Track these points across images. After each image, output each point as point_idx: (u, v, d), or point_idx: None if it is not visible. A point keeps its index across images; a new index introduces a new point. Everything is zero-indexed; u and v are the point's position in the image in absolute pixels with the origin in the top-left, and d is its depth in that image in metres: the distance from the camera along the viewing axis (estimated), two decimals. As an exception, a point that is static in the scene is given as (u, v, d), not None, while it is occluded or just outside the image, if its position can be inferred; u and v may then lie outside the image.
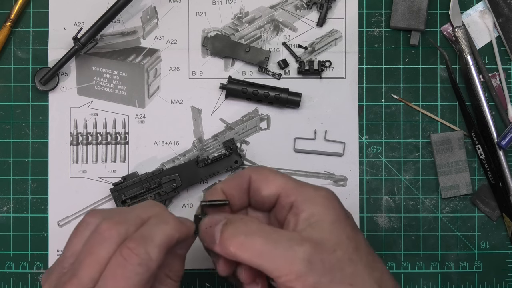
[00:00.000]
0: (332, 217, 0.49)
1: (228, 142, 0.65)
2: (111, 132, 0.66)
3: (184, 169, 0.64)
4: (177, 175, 0.64)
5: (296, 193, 0.51)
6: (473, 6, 0.66)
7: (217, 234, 0.49)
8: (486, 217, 0.66)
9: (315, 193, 0.51)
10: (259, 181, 0.52)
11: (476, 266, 0.65)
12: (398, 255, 0.65)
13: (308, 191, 0.51)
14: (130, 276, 0.46)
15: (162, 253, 0.47)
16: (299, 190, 0.51)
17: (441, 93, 0.66)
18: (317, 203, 0.50)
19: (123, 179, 0.64)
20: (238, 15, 0.66)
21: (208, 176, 0.64)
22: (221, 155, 0.64)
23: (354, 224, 0.51)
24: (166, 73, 0.66)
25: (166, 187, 0.64)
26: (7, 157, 0.65)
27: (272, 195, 0.52)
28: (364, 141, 0.66)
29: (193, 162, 0.64)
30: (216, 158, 0.64)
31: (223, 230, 0.49)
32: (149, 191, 0.64)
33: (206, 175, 0.64)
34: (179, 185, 0.64)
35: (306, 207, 0.50)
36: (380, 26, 0.66)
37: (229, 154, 0.64)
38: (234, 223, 0.49)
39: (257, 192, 0.52)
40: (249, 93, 0.64)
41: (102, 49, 0.66)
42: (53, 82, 0.65)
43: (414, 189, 0.66)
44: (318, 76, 0.65)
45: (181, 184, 0.64)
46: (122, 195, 0.63)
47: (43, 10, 0.66)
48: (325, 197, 0.50)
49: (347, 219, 0.50)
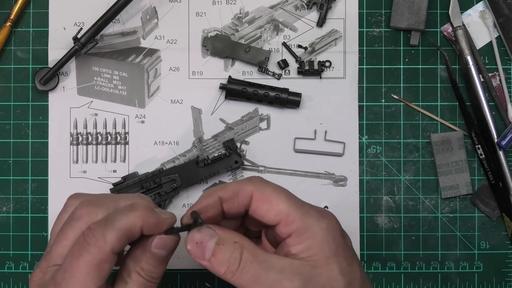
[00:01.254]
0: (328, 252, 0.49)
1: (228, 142, 0.65)
2: (111, 132, 0.66)
3: (184, 169, 0.64)
4: (177, 175, 0.64)
5: (298, 221, 0.49)
6: (473, 6, 0.66)
7: (208, 253, 0.48)
8: (486, 217, 0.66)
9: (317, 223, 0.49)
10: (260, 202, 0.50)
11: (476, 266, 0.65)
12: (398, 255, 0.65)
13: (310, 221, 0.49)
14: (83, 254, 0.47)
15: (118, 238, 0.47)
16: (301, 219, 0.49)
17: (441, 93, 0.66)
18: (317, 236, 0.49)
19: (123, 179, 0.64)
20: (238, 15, 0.66)
21: (208, 176, 0.64)
22: (221, 155, 0.64)
23: (351, 253, 0.50)
24: (166, 73, 0.66)
25: (166, 187, 0.64)
26: (7, 157, 0.65)
27: (272, 221, 0.50)
28: (364, 141, 0.66)
29: (193, 162, 0.64)
30: (216, 158, 0.64)
31: (215, 250, 0.48)
32: (149, 191, 0.64)
33: (206, 175, 0.64)
34: (179, 185, 0.64)
35: (305, 238, 0.49)
36: (380, 26, 0.66)
37: (229, 154, 0.64)
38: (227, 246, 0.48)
39: (256, 212, 0.51)
40: (249, 93, 0.64)
41: (102, 49, 0.66)
42: (53, 82, 0.65)
43: (414, 189, 0.66)
44: (318, 76, 0.65)
45: (181, 184, 0.64)
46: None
47: (43, 10, 0.66)
48: (326, 230, 0.49)
49: (344, 250, 0.49)
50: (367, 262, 0.65)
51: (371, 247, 0.65)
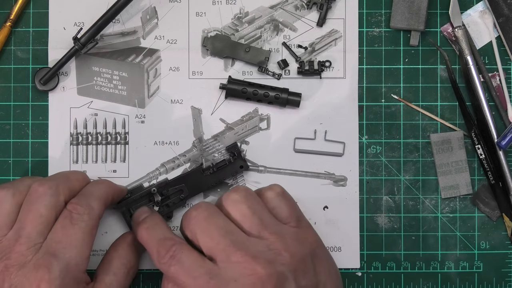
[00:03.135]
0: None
1: (231, 148, 0.64)
2: (111, 132, 0.66)
3: (190, 178, 0.64)
4: (184, 185, 0.64)
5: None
6: (473, 6, 0.66)
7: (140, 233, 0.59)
8: (486, 217, 0.66)
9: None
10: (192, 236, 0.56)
11: (476, 266, 0.65)
12: (398, 255, 0.65)
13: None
14: (77, 223, 0.54)
15: (101, 205, 0.57)
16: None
17: (441, 93, 0.66)
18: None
19: (130, 194, 0.63)
20: (238, 15, 0.66)
21: (215, 184, 0.64)
22: (225, 161, 0.64)
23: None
24: (166, 73, 0.66)
25: (174, 198, 0.64)
26: (7, 157, 0.65)
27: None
28: (364, 141, 0.66)
29: (198, 170, 0.64)
30: (221, 165, 0.64)
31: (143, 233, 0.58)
32: (157, 204, 0.63)
33: (213, 182, 0.64)
34: (187, 194, 0.64)
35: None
36: (380, 26, 0.66)
37: (234, 160, 0.64)
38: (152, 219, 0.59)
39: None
40: (249, 93, 0.64)
41: (102, 49, 0.66)
42: (53, 82, 0.65)
43: (414, 189, 0.66)
44: (318, 76, 0.65)
45: (188, 194, 0.64)
46: (130, 209, 0.63)
47: (43, 10, 0.66)
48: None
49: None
50: (367, 262, 0.65)
51: (371, 247, 0.65)
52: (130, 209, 0.62)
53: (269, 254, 0.53)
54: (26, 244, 0.53)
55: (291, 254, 0.54)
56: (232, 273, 0.52)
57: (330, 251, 0.64)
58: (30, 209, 0.54)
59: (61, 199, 0.56)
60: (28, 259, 0.52)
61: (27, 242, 0.53)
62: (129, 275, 0.59)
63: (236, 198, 0.56)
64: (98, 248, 0.63)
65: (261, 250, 0.53)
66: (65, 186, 0.56)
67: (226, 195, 0.57)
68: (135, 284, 0.64)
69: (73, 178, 0.58)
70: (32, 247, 0.53)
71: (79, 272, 0.54)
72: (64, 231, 0.54)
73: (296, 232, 0.56)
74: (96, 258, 0.62)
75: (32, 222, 0.54)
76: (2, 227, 0.54)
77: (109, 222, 0.64)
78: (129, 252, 0.60)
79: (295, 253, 0.54)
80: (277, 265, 0.52)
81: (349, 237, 0.65)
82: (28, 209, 0.54)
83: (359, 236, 0.65)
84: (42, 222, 0.54)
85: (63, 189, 0.56)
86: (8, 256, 0.52)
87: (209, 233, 0.54)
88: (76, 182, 0.58)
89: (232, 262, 0.52)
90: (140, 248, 0.61)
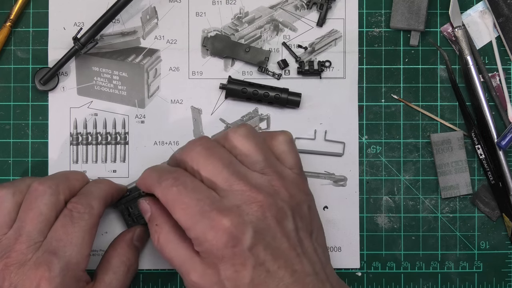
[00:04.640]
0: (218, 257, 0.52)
1: None
2: (111, 132, 0.66)
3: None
4: None
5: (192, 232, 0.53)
6: (473, 6, 0.66)
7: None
8: (486, 217, 0.66)
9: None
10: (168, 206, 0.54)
11: (476, 266, 0.65)
12: (398, 255, 0.65)
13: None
14: (78, 222, 0.55)
15: (101, 204, 0.57)
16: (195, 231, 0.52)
17: (441, 93, 0.66)
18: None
19: (129, 192, 0.63)
20: (238, 15, 0.66)
21: None
22: None
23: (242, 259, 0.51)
24: (166, 73, 0.66)
25: None
26: (7, 157, 0.65)
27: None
28: (364, 141, 0.66)
29: None
30: None
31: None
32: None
33: None
34: None
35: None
36: (380, 26, 0.66)
37: None
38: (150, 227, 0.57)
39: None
40: (249, 93, 0.64)
41: (102, 49, 0.66)
42: (53, 82, 0.65)
43: (414, 189, 0.66)
44: (318, 76, 0.65)
45: None
46: (129, 208, 0.63)
47: (43, 10, 0.66)
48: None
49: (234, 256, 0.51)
50: (367, 262, 0.65)
51: (371, 247, 0.65)
52: (128, 208, 0.62)
53: (270, 188, 0.53)
54: (26, 243, 0.53)
55: (291, 195, 0.54)
56: (234, 200, 0.52)
57: (330, 251, 0.64)
58: (30, 207, 0.55)
59: (61, 198, 0.56)
60: (28, 257, 0.53)
61: (27, 241, 0.53)
62: (128, 273, 0.59)
63: (244, 132, 0.55)
64: (98, 248, 0.64)
65: (262, 184, 0.53)
66: (64, 185, 0.57)
67: (233, 128, 0.56)
68: (135, 284, 0.64)
69: (73, 178, 0.59)
70: (32, 245, 0.53)
71: (79, 270, 0.54)
72: (64, 229, 0.54)
73: (297, 179, 0.56)
74: (96, 258, 0.62)
75: (32, 221, 0.54)
76: (2, 226, 0.55)
77: (109, 222, 0.64)
78: (128, 250, 0.60)
79: (294, 195, 0.54)
80: (278, 200, 0.53)
81: (349, 237, 0.65)
82: (28, 208, 0.55)
83: (359, 236, 0.65)
84: (42, 220, 0.54)
85: (63, 189, 0.56)
86: (8, 255, 0.53)
87: (212, 162, 0.53)
88: (76, 182, 0.59)
89: (235, 190, 0.52)
90: (139, 246, 0.61)
